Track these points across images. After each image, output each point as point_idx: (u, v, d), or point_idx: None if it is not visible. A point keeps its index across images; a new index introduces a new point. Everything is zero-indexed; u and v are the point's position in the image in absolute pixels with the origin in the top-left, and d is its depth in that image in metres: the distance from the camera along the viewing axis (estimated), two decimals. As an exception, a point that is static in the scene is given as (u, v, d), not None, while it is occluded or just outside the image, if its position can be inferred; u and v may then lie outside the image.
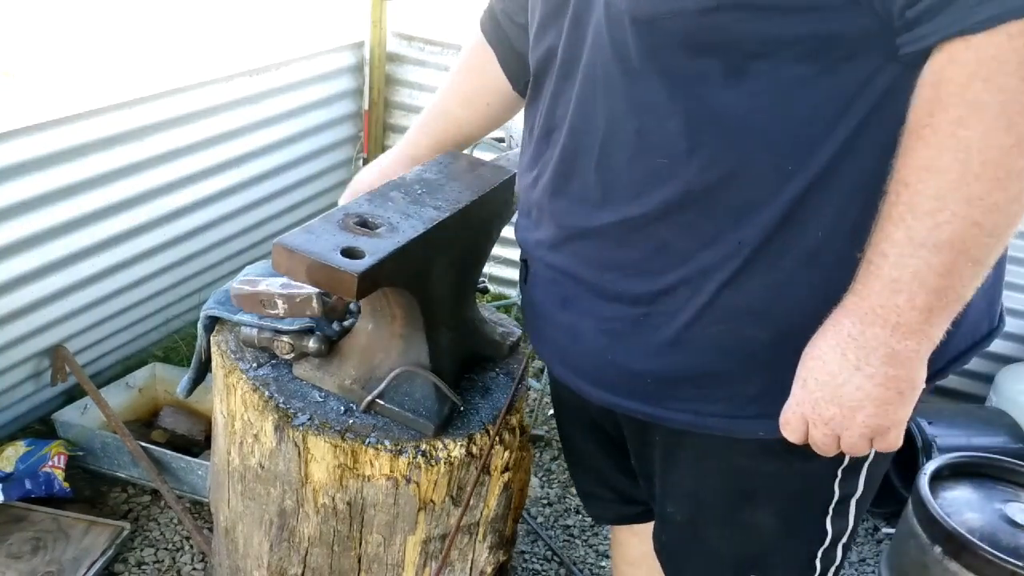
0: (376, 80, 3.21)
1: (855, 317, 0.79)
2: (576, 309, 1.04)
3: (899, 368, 0.78)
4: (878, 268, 0.76)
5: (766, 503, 1.07)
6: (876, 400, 0.80)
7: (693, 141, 0.85)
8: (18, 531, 1.91)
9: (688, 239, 0.90)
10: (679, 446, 1.08)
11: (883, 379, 0.79)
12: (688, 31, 0.82)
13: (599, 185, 0.95)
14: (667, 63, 0.85)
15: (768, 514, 1.07)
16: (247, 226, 2.85)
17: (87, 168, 2.15)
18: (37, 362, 2.23)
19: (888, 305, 0.76)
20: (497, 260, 3.44)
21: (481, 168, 1.29)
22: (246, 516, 1.29)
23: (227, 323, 1.33)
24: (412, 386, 1.18)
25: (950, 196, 0.71)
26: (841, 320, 0.81)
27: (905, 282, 0.75)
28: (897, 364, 0.78)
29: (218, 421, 1.32)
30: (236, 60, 2.67)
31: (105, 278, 2.33)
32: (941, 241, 0.72)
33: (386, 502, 1.16)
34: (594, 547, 2.27)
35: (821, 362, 0.82)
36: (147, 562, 1.96)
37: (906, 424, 0.83)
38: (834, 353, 0.81)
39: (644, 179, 0.90)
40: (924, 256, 0.73)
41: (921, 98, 0.73)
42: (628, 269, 0.96)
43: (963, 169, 0.70)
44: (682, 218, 0.89)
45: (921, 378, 0.80)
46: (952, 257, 0.73)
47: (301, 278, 0.97)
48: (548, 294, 1.09)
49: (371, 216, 1.06)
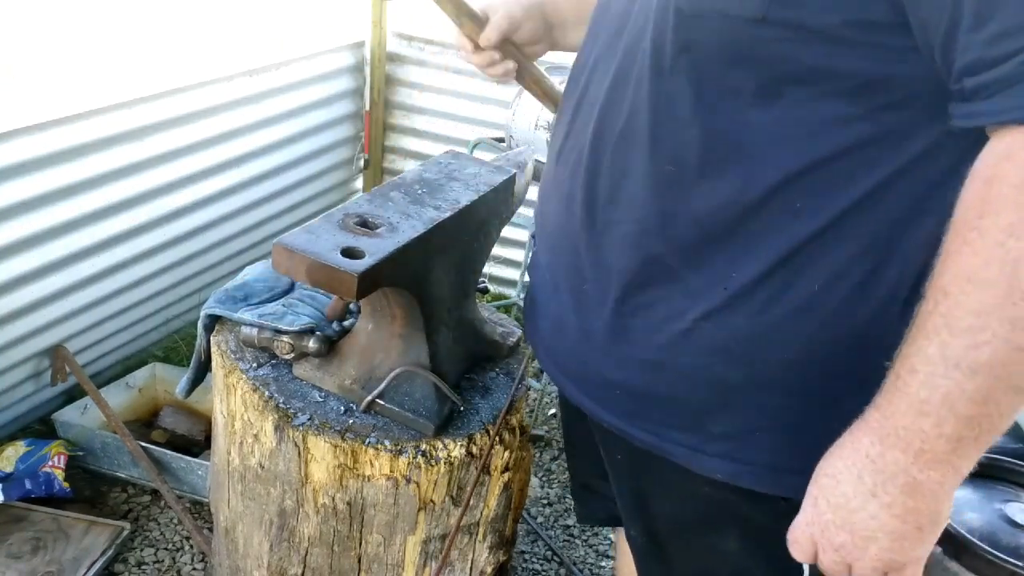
0: (376, 80, 3.21)
1: (875, 436, 0.71)
2: (564, 301, 1.01)
3: (919, 500, 0.69)
4: (906, 385, 0.68)
5: (731, 530, 0.99)
6: (891, 533, 0.71)
7: (707, 156, 0.81)
8: (18, 531, 1.91)
9: (679, 258, 0.85)
10: (645, 466, 1.02)
11: (901, 510, 0.70)
12: (729, 38, 0.76)
13: (609, 178, 0.90)
14: (700, 67, 0.79)
15: (734, 539, 1.00)
16: (247, 226, 2.85)
17: (87, 168, 2.15)
18: (37, 362, 2.23)
19: (913, 428, 0.68)
20: (497, 260, 3.44)
21: (481, 168, 1.29)
22: (246, 516, 1.29)
23: (227, 323, 1.33)
24: (412, 386, 1.18)
25: (994, 314, 0.62)
26: (860, 438, 0.72)
27: (934, 405, 0.66)
28: (917, 495, 0.69)
29: (218, 421, 1.32)
30: (236, 60, 2.67)
31: (105, 278, 2.34)
32: (979, 364, 0.63)
33: (386, 502, 1.16)
34: (594, 547, 2.27)
35: (835, 481, 0.74)
36: (147, 562, 1.96)
37: (925, 561, 0.74)
38: (849, 474, 0.73)
39: (649, 184, 0.86)
40: (957, 378, 0.64)
41: (971, 193, 0.65)
42: (576, 266, 0.94)
43: (1010, 285, 0.61)
44: (677, 233, 0.84)
45: (945, 513, 0.71)
46: (989, 383, 0.64)
47: (301, 278, 0.97)
48: (544, 277, 1.07)
49: (371, 216, 1.06)
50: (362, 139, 3.33)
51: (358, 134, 3.31)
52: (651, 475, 1.03)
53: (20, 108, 2.33)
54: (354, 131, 3.28)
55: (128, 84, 2.32)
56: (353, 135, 3.28)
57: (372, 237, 1.02)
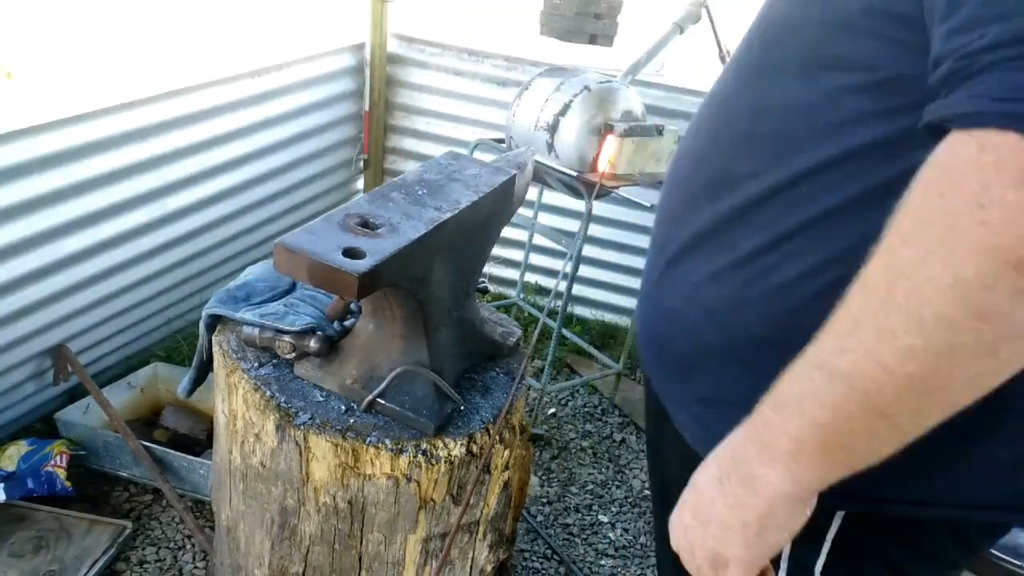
0: (377, 81, 3.22)
1: (745, 425, 0.69)
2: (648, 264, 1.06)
3: (751, 496, 0.66)
4: (780, 378, 0.65)
5: None
6: (721, 523, 0.69)
7: (752, 129, 0.85)
8: (20, 530, 1.92)
9: (716, 222, 0.87)
10: (662, 414, 1.02)
11: (733, 501, 0.68)
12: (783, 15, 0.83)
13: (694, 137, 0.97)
14: (767, 40, 0.86)
15: None
16: (248, 226, 2.86)
17: (89, 168, 2.16)
18: (39, 362, 2.24)
19: (766, 420, 0.66)
20: (497, 260, 3.44)
21: (481, 169, 1.30)
22: (248, 515, 1.30)
23: (229, 323, 1.34)
24: (413, 386, 1.18)
25: (866, 321, 0.58)
26: (741, 425, 0.70)
27: (789, 400, 0.64)
28: (751, 490, 0.66)
29: (220, 420, 1.33)
30: (238, 61, 2.68)
31: (107, 278, 2.34)
32: (838, 370, 0.59)
33: (387, 501, 1.17)
34: (593, 545, 2.28)
35: (705, 465, 0.74)
36: (149, 561, 1.97)
37: (757, 570, 0.69)
38: (714, 459, 0.73)
39: (710, 145, 0.92)
40: (817, 380, 0.61)
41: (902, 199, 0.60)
42: (667, 224, 0.98)
43: (888, 294, 0.56)
44: (721, 197, 0.86)
45: (774, 523, 0.66)
46: (846, 393, 0.59)
47: (302, 278, 0.98)
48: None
49: (372, 216, 1.07)
50: (362, 140, 3.34)
51: (358, 135, 3.31)
52: (662, 424, 1.05)
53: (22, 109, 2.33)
54: (354, 132, 3.29)
55: (130, 85, 2.32)
56: (353, 136, 3.29)
57: (373, 237, 1.03)
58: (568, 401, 2.95)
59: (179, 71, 2.60)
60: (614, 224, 3.21)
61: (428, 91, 3.27)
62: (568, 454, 2.64)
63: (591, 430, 2.79)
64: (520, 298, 3.28)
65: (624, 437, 2.77)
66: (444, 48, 3.18)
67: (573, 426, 2.80)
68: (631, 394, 3.00)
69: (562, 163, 2.41)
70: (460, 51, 3.17)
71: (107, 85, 2.58)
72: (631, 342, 2.88)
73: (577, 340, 3.08)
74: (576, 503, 2.43)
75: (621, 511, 2.43)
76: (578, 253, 2.36)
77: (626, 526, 2.37)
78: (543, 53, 3.17)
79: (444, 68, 3.21)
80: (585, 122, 2.34)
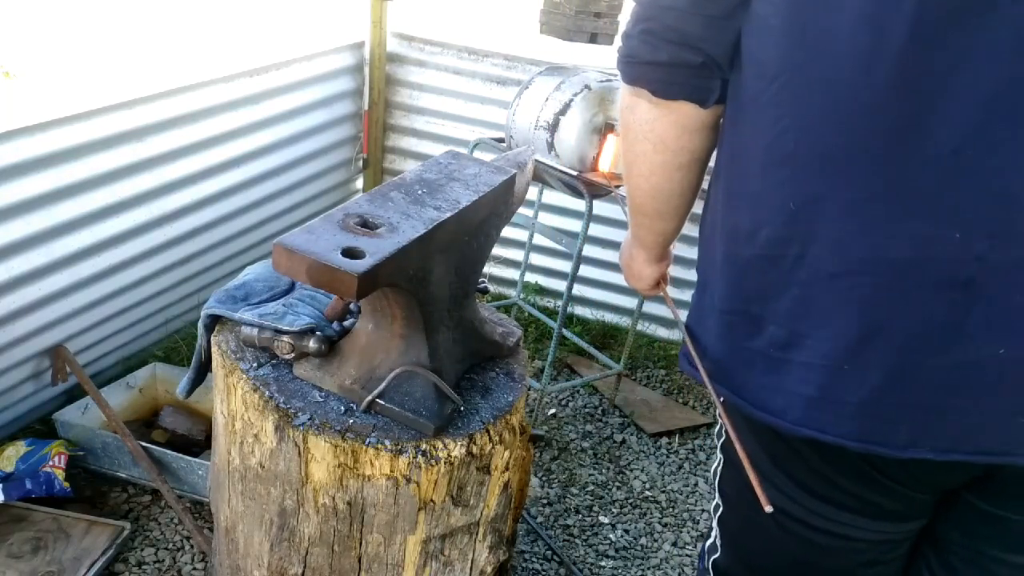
0: (376, 80, 3.22)
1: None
2: None
3: (634, 260, 1.34)
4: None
5: None
6: (630, 270, 1.37)
7: None
8: (19, 531, 1.91)
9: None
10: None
11: (633, 260, 1.34)
12: None
13: None
14: None
15: None
16: (247, 226, 2.86)
17: (88, 168, 2.16)
18: (38, 362, 2.23)
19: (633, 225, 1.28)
20: (497, 260, 3.44)
21: (481, 168, 1.29)
22: (246, 516, 1.29)
23: (228, 323, 1.33)
24: (412, 386, 1.18)
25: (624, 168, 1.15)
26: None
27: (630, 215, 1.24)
28: (633, 257, 1.34)
29: (218, 421, 1.32)
30: (237, 60, 2.67)
31: (106, 278, 2.34)
32: (628, 196, 1.19)
33: (386, 502, 1.16)
34: (593, 547, 2.27)
35: (627, 246, 1.36)
36: (147, 562, 1.96)
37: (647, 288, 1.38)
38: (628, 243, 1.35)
39: None
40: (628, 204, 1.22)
41: None
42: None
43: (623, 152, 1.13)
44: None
45: (643, 272, 1.34)
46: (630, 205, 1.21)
47: (302, 278, 0.97)
48: None
49: (371, 216, 1.07)
50: (361, 139, 3.33)
51: (358, 135, 3.31)
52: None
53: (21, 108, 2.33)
54: (354, 131, 3.28)
55: (128, 84, 2.32)
56: (353, 135, 3.29)
57: (372, 237, 1.02)
58: (568, 402, 2.94)
59: (178, 70, 2.60)
60: (614, 224, 3.20)
61: (428, 90, 3.26)
62: (568, 455, 2.64)
63: (591, 431, 2.78)
64: (520, 298, 3.27)
65: (624, 438, 2.77)
66: (444, 47, 3.18)
67: (573, 427, 2.79)
68: (631, 394, 3.00)
69: (562, 162, 2.41)
70: (460, 50, 3.16)
71: (105, 84, 2.57)
72: (631, 342, 2.88)
73: (577, 340, 3.07)
74: (576, 504, 2.42)
75: (622, 512, 2.43)
76: (578, 253, 2.36)
77: (627, 527, 2.37)
78: (543, 52, 3.17)
79: (444, 67, 3.20)
80: (586, 121, 2.34)
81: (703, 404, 3.02)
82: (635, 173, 1.10)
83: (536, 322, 3.21)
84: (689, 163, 1.06)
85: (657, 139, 1.03)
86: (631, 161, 1.09)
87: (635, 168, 1.09)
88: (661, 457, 2.71)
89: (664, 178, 1.08)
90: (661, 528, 2.39)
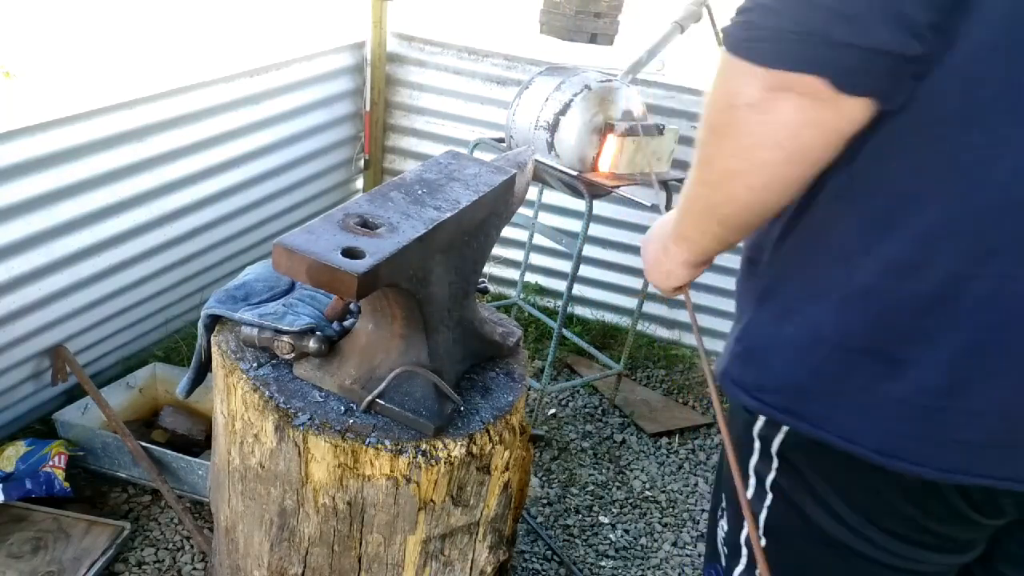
0: (376, 80, 3.22)
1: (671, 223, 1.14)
2: None
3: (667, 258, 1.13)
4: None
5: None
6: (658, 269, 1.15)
7: None
8: (19, 531, 1.91)
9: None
10: None
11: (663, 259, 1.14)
12: None
13: None
14: None
15: None
16: (248, 226, 2.86)
17: (88, 168, 2.16)
18: (37, 362, 2.23)
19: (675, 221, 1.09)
20: (497, 260, 3.44)
21: (481, 168, 1.29)
22: (246, 516, 1.29)
23: (228, 323, 1.33)
24: (412, 386, 1.18)
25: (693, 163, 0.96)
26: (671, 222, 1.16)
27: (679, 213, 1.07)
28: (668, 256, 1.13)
29: (218, 421, 1.32)
30: (237, 60, 2.67)
31: (106, 278, 2.34)
32: (684, 198, 1.02)
33: (386, 502, 1.16)
34: (594, 547, 2.27)
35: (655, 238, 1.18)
36: (147, 562, 1.96)
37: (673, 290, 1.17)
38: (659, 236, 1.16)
39: None
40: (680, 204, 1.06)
41: None
42: None
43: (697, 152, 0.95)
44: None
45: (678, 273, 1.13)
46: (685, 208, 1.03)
47: (302, 278, 0.97)
48: None
49: (371, 216, 1.07)
50: (362, 139, 3.33)
51: (358, 134, 3.31)
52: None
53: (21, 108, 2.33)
54: (354, 131, 3.28)
55: (129, 84, 2.32)
56: (353, 135, 3.29)
57: (372, 237, 1.02)
58: (568, 402, 2.94)
59: (178, 70, 2.60)
60: (614, 224, 3.20)
61: (428, 90, 3.26)
62: (568, 455, 2.64)
63: (591, 431, 2.78)
64: (520, 298, 3.27)
65: (624, 438, 2.77)
66: (444, 47, 3.18)
67: (573, 427, 2.79)
68: (631, 394, 3.00)
69: (562, 162, 2.41)
70: (460, 50, 3.16)
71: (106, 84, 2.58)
72: (631, 342, 2.88)
73: (577, 340, 3.07)
74: (576, 504, 2.42)
75: (622, 512, 2.43)
76: (578, 253, 2.36)
77: (627, 527, 2.37)
78: (543, 52, 3.17)
79: (444, 67, 3.20)
80: (586, 121, 2.34)
81: (703, 404, 3.02)
82: (741, 184, 0.85)
83: (536, 322, 3.21)
84: (813, 176, 0.84)
85: (801, 147, 0.80)
86: (738, 170, 0.84)
87: (743, 179, 0.85)
88: (661, 457, 2.71)
89: (780, 194, 0.85)
90: (661, 528, 2.39)
